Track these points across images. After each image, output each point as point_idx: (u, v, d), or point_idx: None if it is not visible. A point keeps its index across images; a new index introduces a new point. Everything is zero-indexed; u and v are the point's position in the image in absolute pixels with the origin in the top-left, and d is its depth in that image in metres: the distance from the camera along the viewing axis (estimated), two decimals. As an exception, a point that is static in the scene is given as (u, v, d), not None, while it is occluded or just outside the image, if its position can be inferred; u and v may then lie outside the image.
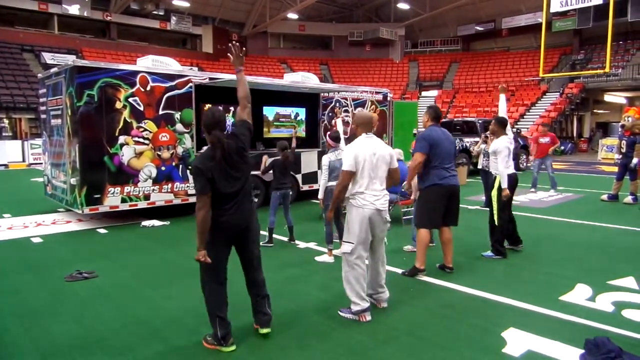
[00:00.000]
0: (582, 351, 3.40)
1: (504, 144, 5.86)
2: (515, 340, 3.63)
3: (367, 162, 3.97)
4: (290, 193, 6.92)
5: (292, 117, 11.09)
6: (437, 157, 5.09)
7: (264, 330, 3.66)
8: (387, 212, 4.13)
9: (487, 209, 8.95)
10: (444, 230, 5.29)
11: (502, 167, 5.82)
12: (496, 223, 5.90)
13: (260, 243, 6.30)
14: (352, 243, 3.99)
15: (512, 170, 5.88)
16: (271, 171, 6.66)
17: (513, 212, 6.27)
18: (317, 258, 5.87)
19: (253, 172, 7.59)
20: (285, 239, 6.75)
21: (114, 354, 3.43)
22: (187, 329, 3.83)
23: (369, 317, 4.01)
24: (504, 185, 5.76)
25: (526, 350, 3.47)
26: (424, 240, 5.16)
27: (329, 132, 6.28)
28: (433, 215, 5.16)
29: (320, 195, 5.91)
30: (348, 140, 4.80)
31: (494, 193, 5.90)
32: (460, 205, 5.32)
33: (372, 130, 4.23)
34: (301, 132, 11.35)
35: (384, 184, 4.12)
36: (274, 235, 6.65)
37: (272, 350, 3.49)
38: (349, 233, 4.04)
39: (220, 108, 3.58)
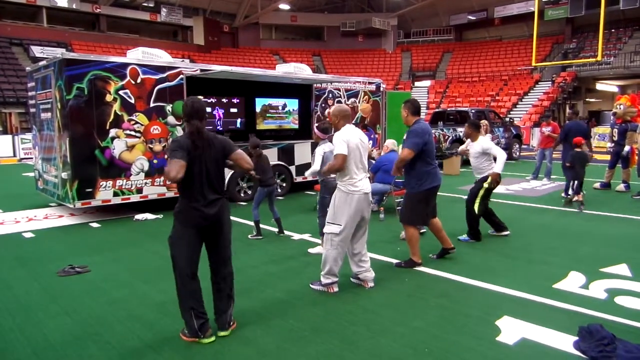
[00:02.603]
0: (576, 338, 3.42)
1: (488, 143, 6.15)
2: (510, 328, 3.64)
3: (356, 149, 4.28)
4: (277, 187, 6.95)
5: (280, 108, 11.01)
6: (429, 154, 5.00)
7: (223, 333, 3.56)
8: (370, 195, 4.47)
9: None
10: (434, 222, 5.32)
11: (501, 152, 6.03)
12: (476, 212, 6.06)
13: (249, 236, 6.37)
14: (340, 225, 4.29)
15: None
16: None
17: (504, 201, 6.35)
18: (311, 250, 5.86)
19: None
20: (276, 230, 6.73)
21: (107, 349, 3.41)
22: (181, 322, 3.80)
23: (336, 289, 4.44)
24: (500, 170, 5.92)
25: (520, 338, 3.48)
26: (415, 237, 5.14)
27: (317, 124, 6.23)
28: (426, 212, 5.17)
29: (308, 174, 6.12)
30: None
31: (484, 185, 6.04)
32: (453, 195, 5.36)
33: (351, 122, 4.50)
34: (289, 124, 11.31)
35: (366, 169, 4.48)
36: (267, 227, 6.64)
37: (267, 342, 3.48)
38: (337, 216, 4.32)
39: (201, 98, 3.63)
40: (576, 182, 8.33)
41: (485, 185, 6.02)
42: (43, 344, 3.48)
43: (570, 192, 8.58)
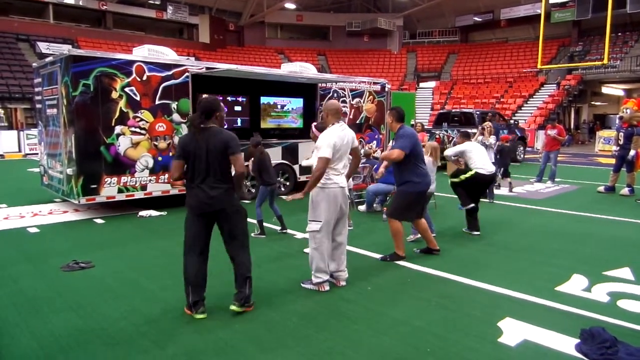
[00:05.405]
0: (578, 341, 3.42)
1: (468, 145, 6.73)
2: (512, 329, 3.65)
3: (342, 149, 4.39)
4: (279, 187, 6.98)
5: (284, 107, 11.05)
6: (419, 155, 5.26)
7: (232, 307, 3.88)
8: (347, 190, 4.55)
9: (486, 200, 9.05)
10: (420, 222, 5.56)
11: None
12: (449, 181, 6.72)
13: (252, 235, 6.38)
14: (320, 222, 4.36)
15: (489, 169, 6.55)
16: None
17: (508, 203, 6.41)
18: (306, 250, 5.83)
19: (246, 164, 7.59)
20: (279, 228, 6.75)
21: (111, 344, 3.43)
22: (185, 319, 3.84)
23: (327, 288, 4.47)
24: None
25: (522, 340, 3.49)
26: (399, 230, 5.33)
27: (315, 123, 6.21)
28: (409, 213, 5.38)
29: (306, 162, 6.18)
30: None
31: (461, 177, 6.57)
32: (455, 196, 5.40)
33: (341, 118, 4.57)
34: (293, 123, 11.32)
35: (347, 164, 4.57)
36: (269, 226, 6.66)
37: (270, 340, 3.50)
38: (316, 213, 4.41)
39: (206, 96, 4.00)
40: (502, 168, 9.99)
41: (464, 176, 6.52)
42: (48, 339, 3.51)
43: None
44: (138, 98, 7.78)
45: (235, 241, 3.89)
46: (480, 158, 6.55)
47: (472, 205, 6.52)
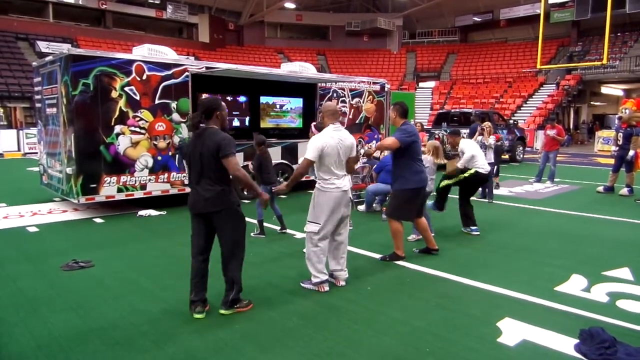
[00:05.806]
0: (577, 341, 3.43)
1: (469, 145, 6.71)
2: (511, 330, 3.65)
3: (334, 151, 4.36)
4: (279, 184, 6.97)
5: (279, 107, 11.05)
6: (415, 153, 5.23)
7: (221, 311, 3.92)
8: (349, 192, 4.57)
9: (485, 200, 9.06)
10: (420, 221, 5.59)
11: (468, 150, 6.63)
12: (439, 185, 6.68)
13: (251, 234, 6.38)
14: (319, 224, 4.39)
15: (487, 168, 6.67)
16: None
17: (506, 203, 6.44)
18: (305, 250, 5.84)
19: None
20: (279, 228, 6.75)
21: (111, 344, 3.43)
22: (184, 318, 3.84)
23: (327, 288, 4.47)
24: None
25: (521, 340, 3.49)
26: (398, 230, 5.34)
27: (314, 122, 6.22)
28: (407, 211, 5.36)
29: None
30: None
31: (461, 175, 6.58)
32: (453, 196, 5.42)
33: (339, 120, 4.56)
34: (293, 123, 11.32)
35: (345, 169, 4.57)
36: (269, 225, 6.66)
37: (269, 339, 3.50)
38: (316, 215, 4.43)
39: (207, 96, 4.06)
40: (496, 167, 9.85)
41: (463, 175, 6.53)
42: (47, 339, 3.51)
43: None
44: (138, 97, 7.78)
45: (227, 245, 3.87)
46: (481, 158, 6.64)
47: (445, 210, 6.81)
